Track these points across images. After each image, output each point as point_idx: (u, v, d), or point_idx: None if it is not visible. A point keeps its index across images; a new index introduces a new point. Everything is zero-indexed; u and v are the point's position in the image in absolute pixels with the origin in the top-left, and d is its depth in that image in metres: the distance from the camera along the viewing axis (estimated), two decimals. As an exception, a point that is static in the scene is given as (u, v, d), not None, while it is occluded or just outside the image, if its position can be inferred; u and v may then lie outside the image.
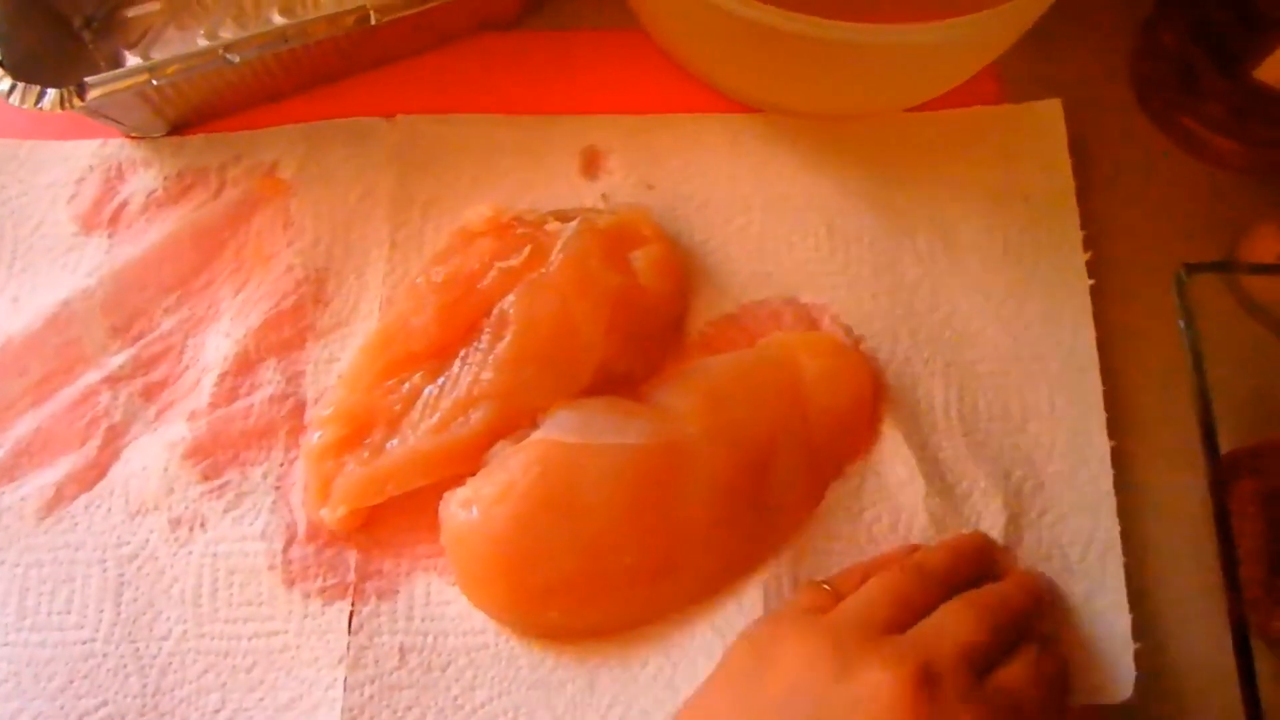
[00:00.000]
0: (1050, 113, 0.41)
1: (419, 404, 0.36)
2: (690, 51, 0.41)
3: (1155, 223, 0.41)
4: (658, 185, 0.41)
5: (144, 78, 0.36)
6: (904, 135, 0.41)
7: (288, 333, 0.38)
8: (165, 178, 0.41)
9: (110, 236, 0.40)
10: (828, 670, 0.29)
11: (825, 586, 0.34)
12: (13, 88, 0.36)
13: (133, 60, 0.43)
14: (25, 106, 0.36)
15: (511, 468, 0.34)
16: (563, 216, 0.38)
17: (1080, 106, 0.42)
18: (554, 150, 0.41)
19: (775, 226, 0.40)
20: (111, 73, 0.36)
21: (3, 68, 0.36)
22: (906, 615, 0.31)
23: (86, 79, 0.36)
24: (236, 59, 0.37)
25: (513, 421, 0.35)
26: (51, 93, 0.36)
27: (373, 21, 0.37)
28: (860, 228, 0.40)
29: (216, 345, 0.38)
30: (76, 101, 0.36)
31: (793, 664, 0.30)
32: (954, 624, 0.31)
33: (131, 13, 0.44)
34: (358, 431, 0.36)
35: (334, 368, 0.38)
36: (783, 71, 0.38)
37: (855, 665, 0.29)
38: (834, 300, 0.39)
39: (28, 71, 0.37)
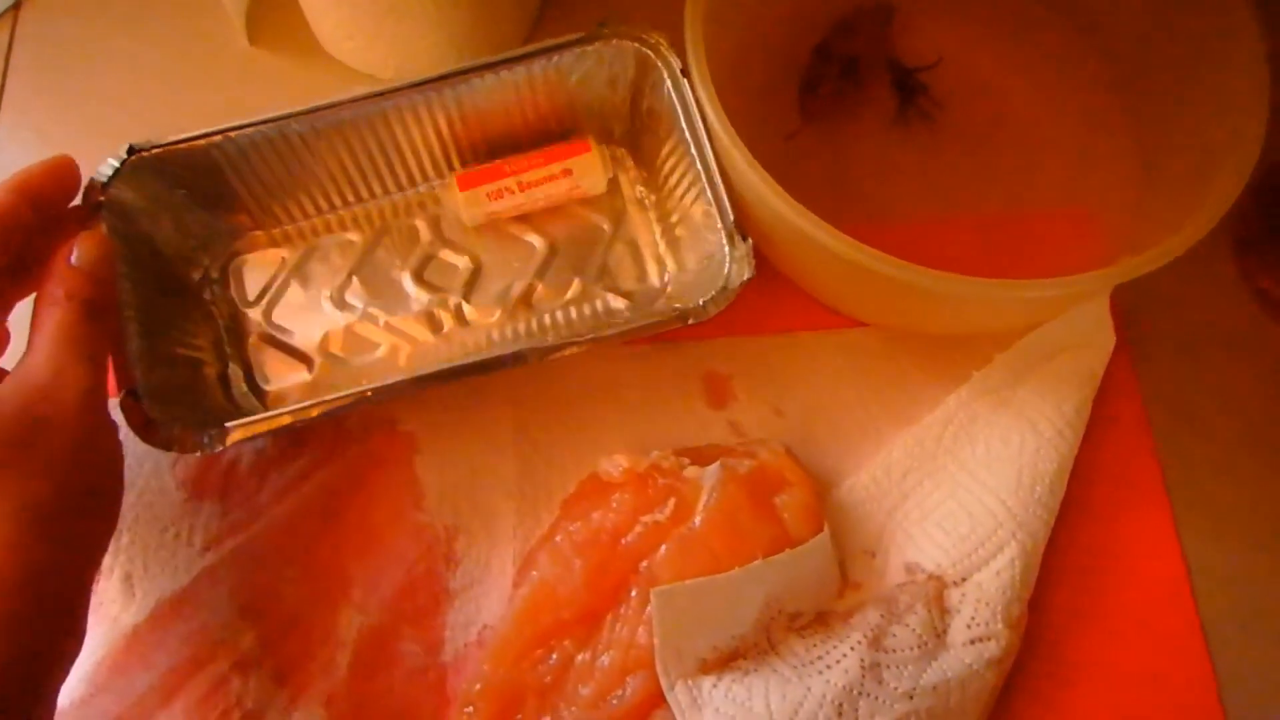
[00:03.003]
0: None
1: (571, 674, 0.35)
2: (802, 277, 0.40)
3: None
4: (785, 410, 0.40)
5: (285, 420, 0.35)
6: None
7: (421, 599, 0.37)
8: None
9: (223, 501, 0.38)
10: None
11: None
12: (149, 425, 0.34)
13: (253, 316, 0.41)
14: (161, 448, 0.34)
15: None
16: (698, 457, 0.37)
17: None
18: (675, 379, 0.40)
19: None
20: (254, 418, 0.34)
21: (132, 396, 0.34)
22: None
23: (227, 424, 0.34)
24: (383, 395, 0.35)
25: (671, 688, 0.34)
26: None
27: (530, 361, 0.36)
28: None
29: (348, 618, 0.36)
30: (218, 446, 0.34)
31: None
32: None
33: (252, 258, 0.42)
34: (508, 708, 0.35)
35: (472, 631, 0.37)
36: (897, 303, 0.38)
37: None
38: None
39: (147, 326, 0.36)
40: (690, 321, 0.36)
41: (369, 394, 0.35)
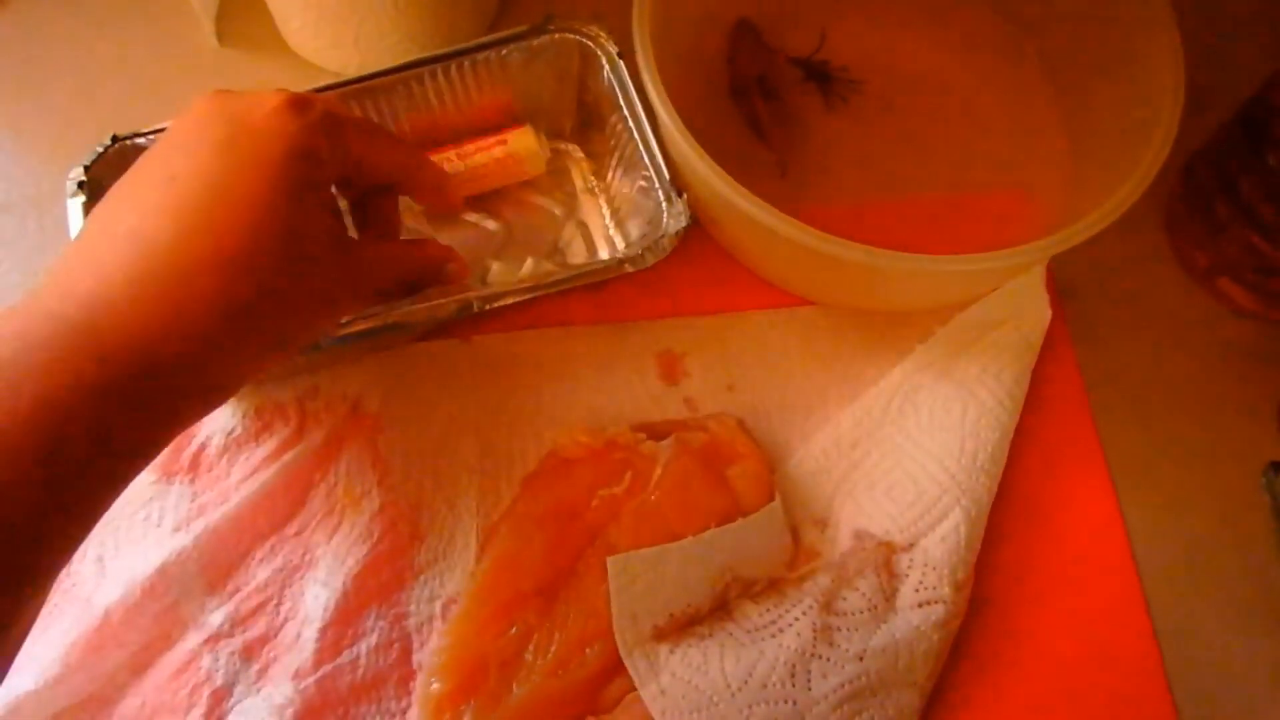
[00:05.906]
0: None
1: (532, 643, 0.36)
2: (753, 260, 0.42)
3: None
4: (737, 386, 0.41)
5: None
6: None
7: (386, 575, 0.38)
8: (243, 415, 0.40)
9: (192, 483, 0.39)
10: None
11: None
12: None
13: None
14: None
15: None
16: (654, 432, 0.39)
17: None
18: (630, 358, 0.42)
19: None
20: None
21: None
22: None
23: None
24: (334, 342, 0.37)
25: (628, 655, 0.35)
26: None
27: (475, 310, 0.38)
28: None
29: (315, 595, 0.37)
30: None
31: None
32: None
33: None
34: (472, 678, 0.36)
35: (436, 605, 0.38)
36: (838, 281, 0.40)
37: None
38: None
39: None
40: (629, 269, 0.37)
41: (320, 343, 0.36)
